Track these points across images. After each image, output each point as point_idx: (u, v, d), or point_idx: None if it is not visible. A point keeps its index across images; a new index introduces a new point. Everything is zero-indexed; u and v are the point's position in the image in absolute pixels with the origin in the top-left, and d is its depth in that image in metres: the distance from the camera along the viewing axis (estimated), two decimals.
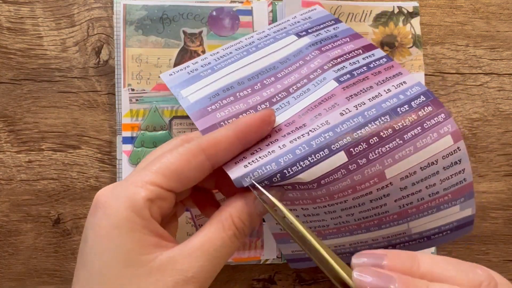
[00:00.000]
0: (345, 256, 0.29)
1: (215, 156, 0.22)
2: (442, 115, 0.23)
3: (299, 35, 0.28)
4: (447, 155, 0.24)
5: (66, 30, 0.35)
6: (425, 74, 0.37)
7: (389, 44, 0.36)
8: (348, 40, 0.28)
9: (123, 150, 0.34)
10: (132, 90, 0.34)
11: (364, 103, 0.24)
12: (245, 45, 0.29)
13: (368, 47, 0.27)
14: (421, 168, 0.24)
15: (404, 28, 0.37)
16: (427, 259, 0.19)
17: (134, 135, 0.34)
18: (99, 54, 0.35)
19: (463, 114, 0.37)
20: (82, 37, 0.35)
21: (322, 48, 0.27)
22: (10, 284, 0.34)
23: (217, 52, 0.29)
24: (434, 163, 0.24)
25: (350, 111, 0.24)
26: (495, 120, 0.37)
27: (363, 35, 0.36)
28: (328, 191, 0.23)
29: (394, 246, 0.28)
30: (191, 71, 0.27)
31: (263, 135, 0.24)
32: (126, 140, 0.34)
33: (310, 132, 0.23)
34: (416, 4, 0.37)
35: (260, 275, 0.35)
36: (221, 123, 0.24)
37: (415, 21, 0.37)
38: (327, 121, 0.24)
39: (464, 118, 0.37)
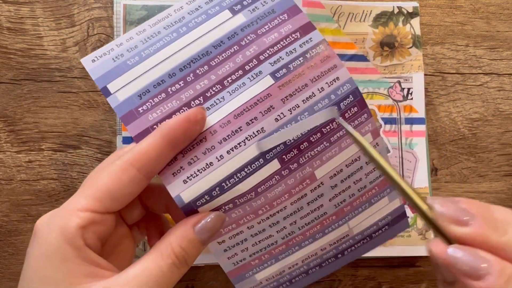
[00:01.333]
0: (301, 277, 0.29)
1: (146, 167, 0.22)
2: (365, 115, 0.25)
3: (233, 10, 0.26)
4: None
5: (66, 30, 0.35)
6: (425, 74, 0.37)
7: (389, 44, 0.36)
8: (286, 18, 0.26)
9: None
10: None
11: (298, 106, 0.24)
12: (175, 22, 0.26)
13: (306, 28, 0.26)
14: (346, 165, 0.26)
15: (403, 28, 0.37)
16: (499, 208, 0.20)
17: None
18: None
19: (463, 114, 0.37)
20: (82, 37, 0.35)
21: (258, 31, 0.26)
22: (10, 284, 0.34)
23: (144, 30, 0.26)
24: (357, 159, 0.26)
25: (284, 116, 0.24)
26: (495, 120, 0.37)
27: (363, 36, 0.36)
28: (267, 199, 0.25)
29: (342, 253, 0.29)
30: (116, 57, 0.25)
31: (194, 135, 0.23)
32: (126, 140, 0.34)
33: (246, 141, 0.24)
34: (416, 4, 0.37)
35: None
36: (154, 126, 0.24)
37: (415, 21, 0.37)
38: (262, 128, 0.24)
39: (464, 118, 0.37)
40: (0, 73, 0.34)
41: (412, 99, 0.36)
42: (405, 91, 0.36)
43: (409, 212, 0.35)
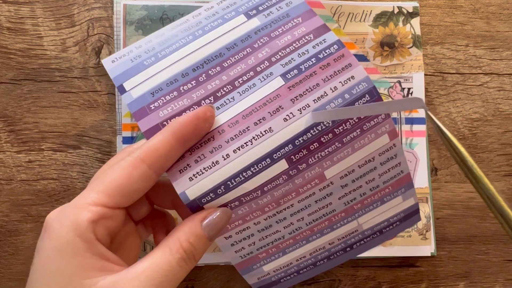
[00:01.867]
0: (309, 269, 0.29)
1: (156, 163, 0.22)
2: (382, 115, 0.24)
3: (248, 15, 0.27)
4: (383, 152, 0.25)
5: (66, 30, 0.35)
6: (425, 74, 0.37)
7: (389, 44, 0.37)
8: (300, 21, 0.26)
9: None
10: None
11: (309, 105, 0.24)
12: (192, 26, 0.27)
13: (320, 30, 0.26)
14: (359, 166, 0.25)
15: (404, 28, 0.37)
16: None
17: (134, 135, 0.34)
18: (99, 54, 0.35)
19: (463, 114, 0.37)
20: (82, 37, 0.35)
21: (272, 34, 0.26)
22: (10, 284, 0.34)
23: (163, 34, 0.27)
24: (371, 160, 0.25)
25: (294, 116, 0.24)
26: (495, 120, 0.38)
27: (363, 36, 0.36)
28: (273, 197, 0.25)
29: (351, 247, 0.29)
30: (134, 58, 0.26)
31: (203, 132, 0.24)
32: (126, 140, 0.34)
33: (253, 140, 0.24)
34: (416, 4, 0.37)
35: None
36: (164, 122, 0.24)
37: (415, 21, 0.37)
38: (270, 128, 0.24)
39: (464, 118, 0.37)
40: (0, 73, 0.34)
41: None
42: (405, 91, 0.36)
43: None
